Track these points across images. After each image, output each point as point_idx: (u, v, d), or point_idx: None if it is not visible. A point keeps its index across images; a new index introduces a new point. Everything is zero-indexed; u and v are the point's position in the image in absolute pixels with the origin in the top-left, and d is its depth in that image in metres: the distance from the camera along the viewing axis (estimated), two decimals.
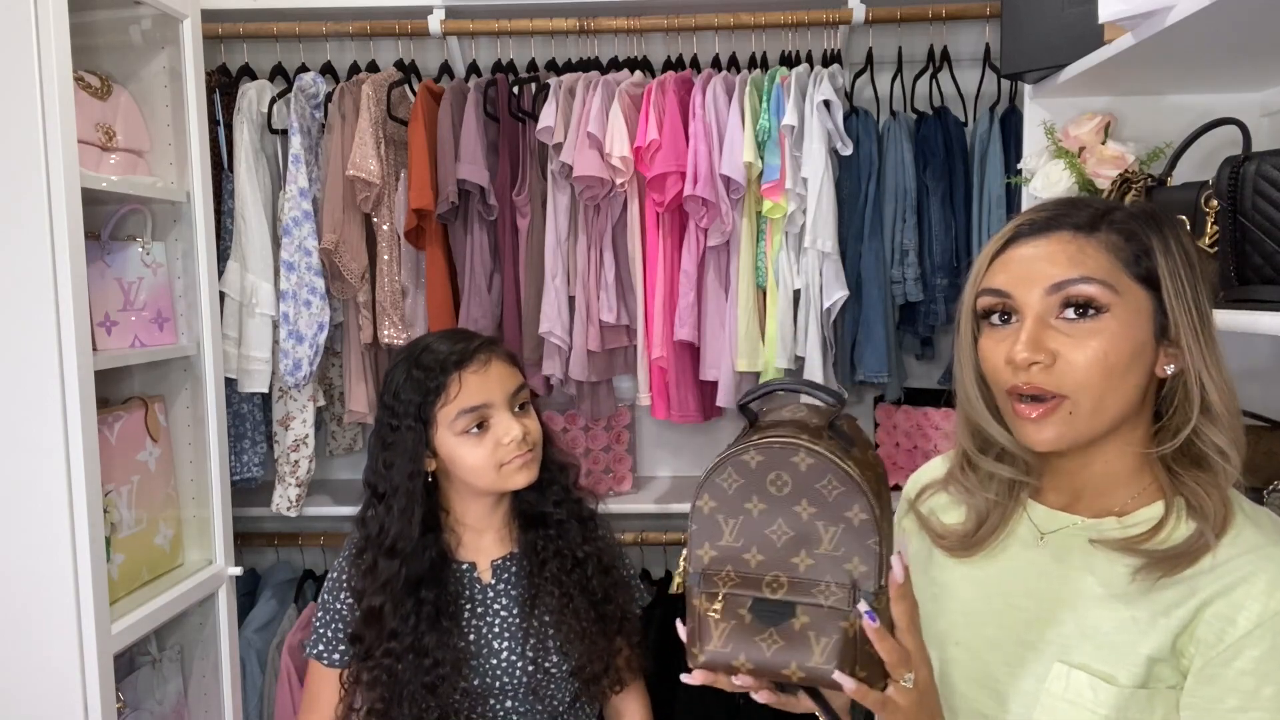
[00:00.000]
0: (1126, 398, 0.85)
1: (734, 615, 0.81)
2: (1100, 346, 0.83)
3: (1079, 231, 0.86)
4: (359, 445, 2.47)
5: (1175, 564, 0.82)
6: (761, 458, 0.83)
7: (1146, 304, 0.85)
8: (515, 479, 1.35)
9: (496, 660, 1.37)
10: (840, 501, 0.80)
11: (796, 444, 0.81)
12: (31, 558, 1.50)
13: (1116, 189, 1.41)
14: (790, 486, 0.82)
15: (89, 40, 1.76)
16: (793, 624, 0.79)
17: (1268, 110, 1.58)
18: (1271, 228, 1.06)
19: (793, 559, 0.81)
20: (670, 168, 2.03)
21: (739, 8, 2.12)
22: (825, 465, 0.81)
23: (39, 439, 1.48)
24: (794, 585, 0.80)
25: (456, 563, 1.41)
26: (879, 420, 2.36)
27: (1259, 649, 0.77)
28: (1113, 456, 0.90)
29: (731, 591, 0.81)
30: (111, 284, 1.70)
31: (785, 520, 0.81)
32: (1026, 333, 0.85)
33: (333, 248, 2.08)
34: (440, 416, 1.33)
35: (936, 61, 2.18)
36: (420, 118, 2.08)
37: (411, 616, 1.33)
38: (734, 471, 0.83)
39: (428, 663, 1.32)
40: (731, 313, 2.12)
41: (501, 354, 1.39)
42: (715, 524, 0.84)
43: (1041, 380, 0.85)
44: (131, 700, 1.76)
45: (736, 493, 0.83)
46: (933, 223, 2.15)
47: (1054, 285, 0.85)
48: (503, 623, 1.39)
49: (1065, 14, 1.52)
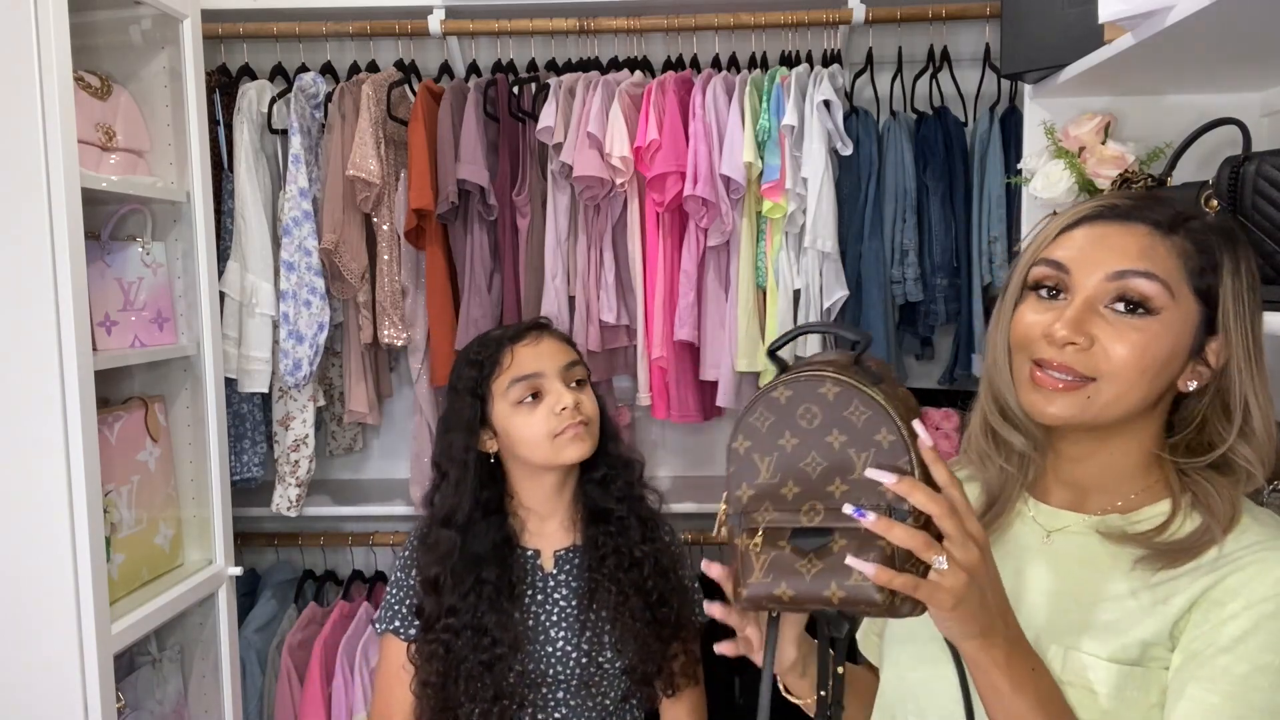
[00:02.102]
0: (1145, 398, 0.86)
1: (774, 547, 0.81)
2: (1141, 342, 0.83)
3: (1157, 228, 0.85)
4: (359, 445, 2.47)
5: (1178, 556, 0.83)
6: (790, 392, 0.83)
7: (1196, 316, 0.85)
8: (568, 450, 1.37)
9: (552, 648, 1.39)
10: (869, 426, 0.80)
11: (823, 375, 0.82)
12: (31, 558, 1.50)
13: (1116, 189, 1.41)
14: (820, 418, 0.82)
15: (89, 40, 1.76)
16: (830, 547, 0.79)
17: (1268, 110, 1.58)
18: (1271, 228, 1.07)
19: (828, 488, 0.81)
20: (670, 168, 2.03)
21: (739, 8, 2.12)
22: (851, 392, 0.80)
23: (39, 439, 1.48)
24: (830, 511, 0.80)
25: (521, 548, 1.44)
26: None
27: (1240, 629, 0.78)
28: (1117, 452, 0.90)
29: (770, 525, 0.81)
30: (111, 284, 1.70)
31: (818, 451, 0.82)
32: (1074, 310, 0.84)
33: (333, 248, 2.08)
34: (495, 388, 1.39)
35: (936, 61, 2.18)
36: (420, 118, 2.08)
37: (471, 594, 1.36)
38: (765, 409, 0.84)
39: (486, 641, 1.35)
40: (731, 313, 2.12)
41: (555, 333, 1.45)
42: (751, 463, 0.84)
43: (1074, 361, 0.84)
44: (131, 700, 1.76)
45: (769, 430, 0.83)
46: (933, 223, 2.15)
47: (1117, 273, 0.84)
48: (561, 612, 1.41)
49: (1065, 14, 1.52)
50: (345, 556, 2.48)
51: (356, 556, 2.46)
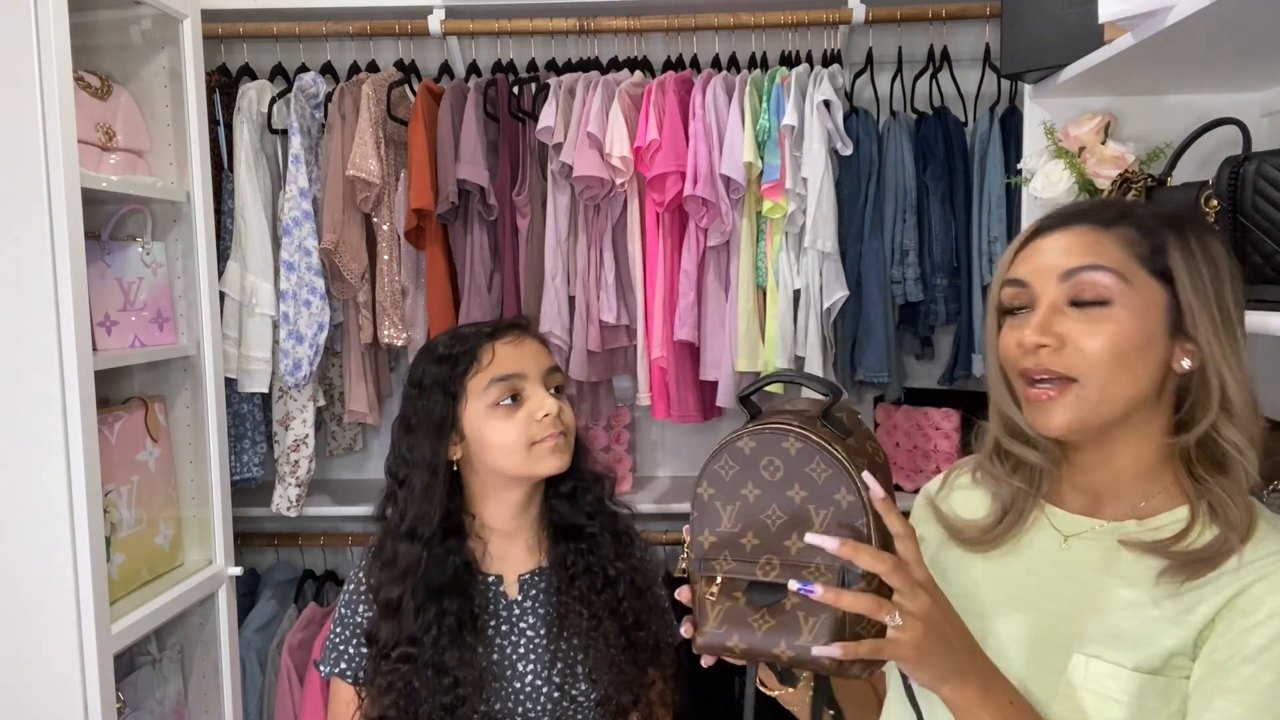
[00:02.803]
0: (1136, 386, 0.87)
1: (730, 597, 0.83)
2: (1109, 331, 0.85)
3: (1098, 224, 0.89)
4: (359, 445, 2.47)
5: (1199, 568, 0.83)
6: (755, 444, 0.85)
7: (1161, 298, 0.86)
8: (546, 462, 1.27)
9: (520, 684, 1.29)
10: (829, 485, 0.82)
11: (787, 429, 0.84)
12: (31, 558, 1.50)
13: (1116, 189, 1.41)
14: (782, 471, 0.84)
15: (89, 40, 1.76)
16: (784, 604, 0.81)
17: (1268, 110, 1.58)
18: (1271, 228, 1.06)
19: (785, 541, 0.83)
20: (670, 168, 2.03)
21: (739, 8, 2.12)
22: (813, 449, 0.83)
23: (39, 439, 1.48)
24: (786, 566, 0.81)
25: (483, 574, 1.33)
26: (879, 420, 2.36)
27: (1265, 638, 0.78)
28: (1130, 452, 0.91)
29: (728, 575, 0.83)
30: (111, 284, 1.70)
31: (779, 504, 0.83)
32: (1038, 315, 0.88)
33: (333, 248, 2.08)
34: (471, 386, 1.27)
35: (936, 61, 2.18)
36: (420, 118, 2.08)
37: (433, 628, 1.25)
38: (730, 458, 0.86)
39: (447, 681, 1.24)
40: (731, 313, 2.12)
41: (535, 334, 1.36)
42: (714, 510, 0.86)
43: (1050, 362, 0.86)
44: (131, 700, 1.76)
45: (733, 479, 0.86)
46: (933, 223, 2.15)
47: (1067, 271, 0.87)
48: (529, 643, 1.31)
49: (1065, 14, 1.52)
50: (345, 556, 2.48)
51: (356, 556, 2.45)
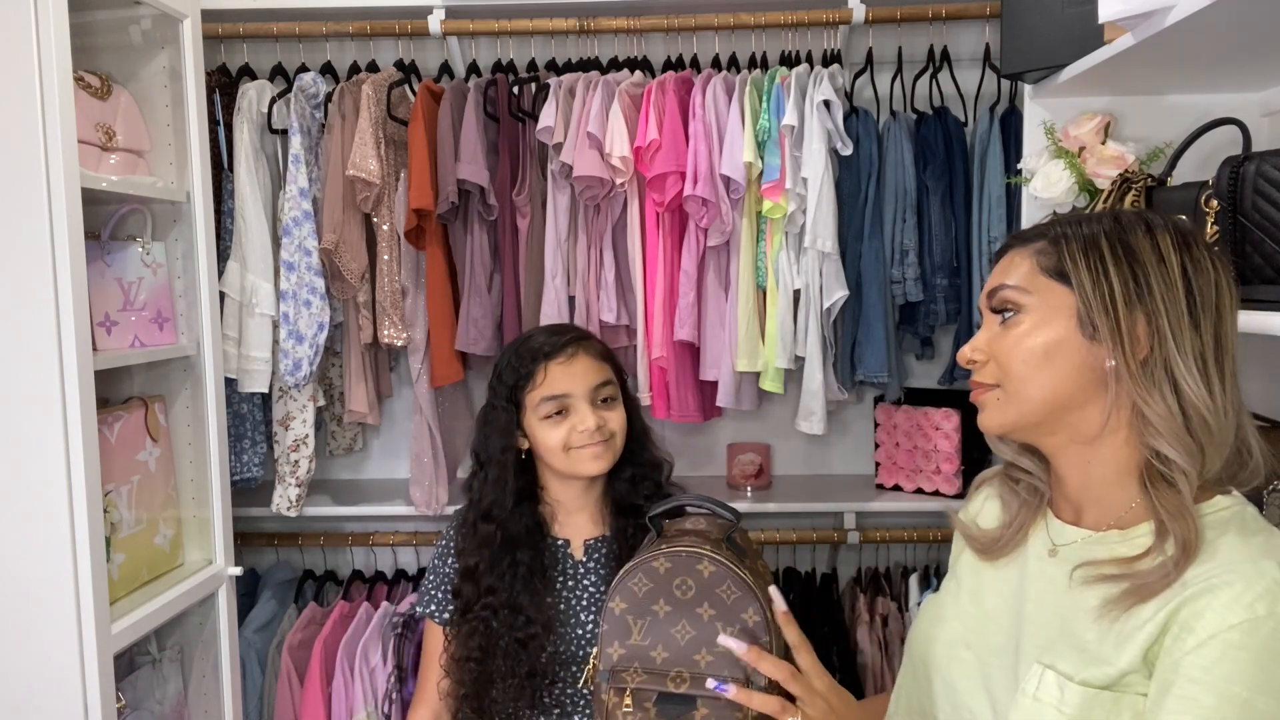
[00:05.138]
0: (1054, 386, 0.90)
1: (640, 709, 0.90)
2: (1015, 336, 0.91)
3: (1017, 245, 0.95)
4: (359, 445, 2.48)
5: (1143, 593, 0.83)
6: (669, 564, 0.93)
7: (1068, 300, 0.89)
8: (584, 466, 1.46)
9: (582, 631, 1.46)
10: (737, 604, 0.91)
11: (701, 553, 0.92)
12: (31, 558, 1.50)
13: (1116, 189, 1.41)
14: (694, 590, 0.92)
15: (89, 40, 1.76)
16: (694, 715, 0.88)
17: (1268, 110, 1.58)
18: (1271, 228, 1.07)
19: (694, 656, 0.90)
20: (670, 168, 2.03)
21: (739, 8, 2.12)
22: (725, 572, 0.92)
23: (39, 439, 1.48)
24: (695, 680, 0.89)
25: (552, 537, 1.52)
26: (879, 420, 2.36)
27: (1207, 658, 0.77)
28: (1101, 460, 0.91)
29: (639, 686, 0.91)
30: (111, 284, 1.70)
31: (688, 621, 0.91)
32: (976, 336, 0.97)
33: (333, 248, 2.08)
34: (528, 401, 1.47)
35: (936, 61, 2.18)
36: (420, 118, 2.08)
37: (507, 575, 1.45)
38: (644, 576, 0.94)
39: (521, 619, 1.42)
40: (731, 313, 2.12)
41: (592, 349, 1.51)
42: (625, 624, 0.94)
43: (980, 376, 0.95)
44: (131, 700, 1.76)
45: (646, 595, 0.93)
46: (933, 223, 2.15)
47: (988, 294, 0.96)
48: (590, 597, 1.48)
49: (1065, 14, 1.52)
50: (345, 556, 2.48)
51: (356, 556, 2.47)
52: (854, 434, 2.50)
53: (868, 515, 2.38)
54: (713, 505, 0.99)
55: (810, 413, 2.13)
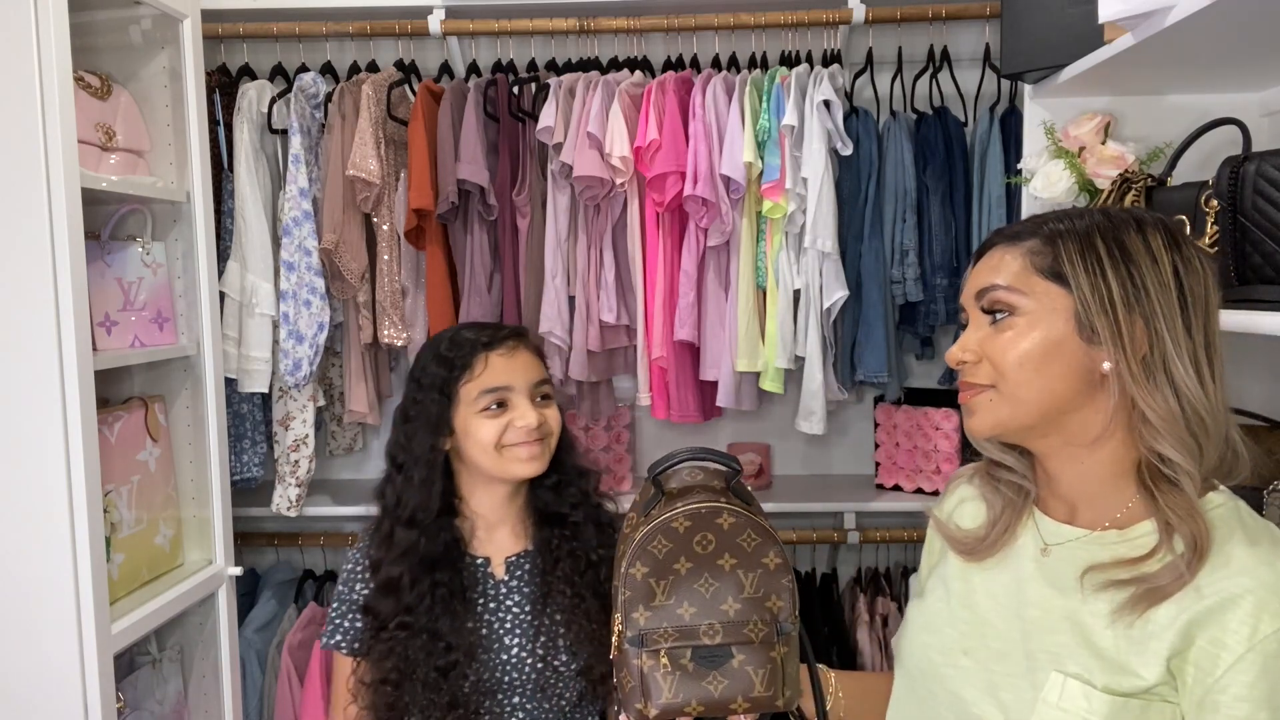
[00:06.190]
0: (1050, 388, 0.89)
1: (678, 666, 0.92)
2: (1011, 338, 0.90)
3: (1004, 242, 0.93)
4: (359, 445, 2.47)
5: (1155, 596, 0.83)
6: (690, 523, 0.95)
7: (1064, 301, 0.88)
8: (516, 467, 1.37)
9: (506, 655, 1.38)
10: (758, 550, 0.94)
11: (720, 506, 0.95)
12: (31, 558, 1.50)
13: (1116, 189, 1.41)
14: (714, 544, 0.94)
15: (89, 40, 1.76)
16: (732, 663, 0.92)
17: (1268, 110, 1.58)
18: (1271, 228, 1.06)
19: (721, 606, 0.93)
20: (670, 168, 2.03)
21: (739, 8, 2.12)
22: (745, 521, 0.95)
23: (39, 439, 1.48)
24: (726, 628, 0.92)
25: (471, 556, 1.42)
26: (879, 420, 2.36)
27: (1250, 674, 0.77)
28: (1096, 460, 0.91)
29: (673, 646, 0.93)
30: (111, 284, 1.70)
31: (710, 573, 0.94)
32: (964, 335, 0.95)
33: (333, 248, 2.08)
34: (464, 393, 1.37)
35: (936, 61, 2.18)
36: (420, 118, 2.08)
37: (427, 597, 1.35)
38: (664, 538, 0.95)
39: (441, 646, 1.33)
40: (731, 313, 2.12)
41: (529, 345, 1.44)
42: (648, 587, 0.95)
43: (970, 376, 0.93)
44: (131, 700, 1.76)
45: (666, 556, 0.95)
46: (933, 223, 2.15)
47: (978, 293, 0.93)
48: (514, 619, 1.40)
49: (1065, 14, 1.52)
50: (345, 556, 2.47)
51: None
52: (854, 434, 2.50)
53: (868, 515, 2.38)
54: (714, 457, 1.00)
55: (810, 413, 2.13)
